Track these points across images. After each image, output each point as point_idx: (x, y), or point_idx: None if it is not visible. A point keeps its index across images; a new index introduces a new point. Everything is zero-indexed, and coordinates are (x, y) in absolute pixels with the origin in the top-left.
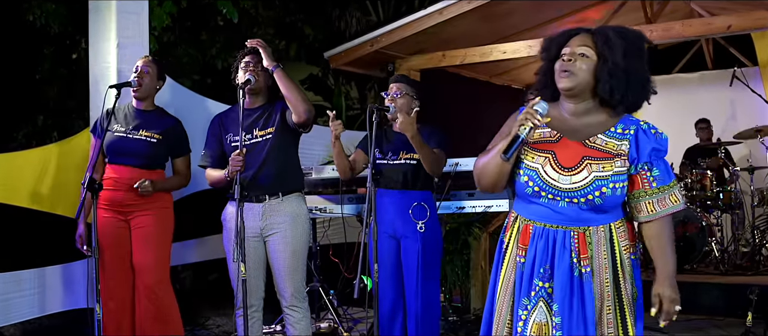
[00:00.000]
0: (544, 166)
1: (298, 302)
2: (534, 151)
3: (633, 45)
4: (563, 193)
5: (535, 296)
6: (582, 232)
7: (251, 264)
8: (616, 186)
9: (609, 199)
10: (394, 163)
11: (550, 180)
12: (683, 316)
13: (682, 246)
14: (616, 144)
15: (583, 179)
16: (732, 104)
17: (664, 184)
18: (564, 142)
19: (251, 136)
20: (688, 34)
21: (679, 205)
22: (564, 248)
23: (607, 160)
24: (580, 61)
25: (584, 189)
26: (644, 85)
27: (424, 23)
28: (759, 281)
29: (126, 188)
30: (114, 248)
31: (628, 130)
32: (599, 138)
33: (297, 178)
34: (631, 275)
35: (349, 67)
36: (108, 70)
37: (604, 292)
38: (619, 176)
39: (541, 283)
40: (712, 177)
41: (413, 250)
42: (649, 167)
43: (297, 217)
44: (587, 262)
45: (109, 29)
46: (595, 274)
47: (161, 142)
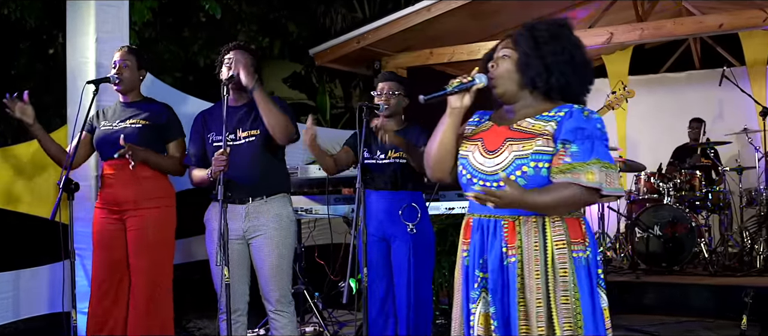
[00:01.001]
0: (473, 153)
1: (284, 307)
2: (467, 142)
3: (546, 32)
4: (489, 176)
5: (477, 287)
6: (512, 221)
7: (235, 267)
8: (539, 165)
9: (532, 179)
10: (382, 162)
11: (477, 164)
12: (674, 317)
13: (671, 247)
14: (542, 125)
15: (504, 159)
16: (720, 104)
17: (579, 162)
18: (493, 129)
19: (235, 136)
20: (680, 32)
21: (593, 183)
22: (495, 237)
23: (528, 140)
24: (501, 63)
25: (505, 169)
26: (575, 69)
27: (412, 20)
28: (749, 282)
29: (121, 183)
30: (107, 250)
31: (560, 113)
32: (527, 120)
33: (282, 179)
34: (573, 274)
35: (335, 65)
36: (86, 66)
37: (533, 283)
38: (541, 155)
39: (480, 273)
40: (701, 177)
41: (403, 252)
42: (566, 144)
43: (282, 219)
44: (513, 252)
45: (87, 23)
46: (523, 265)
47: (148, 128)
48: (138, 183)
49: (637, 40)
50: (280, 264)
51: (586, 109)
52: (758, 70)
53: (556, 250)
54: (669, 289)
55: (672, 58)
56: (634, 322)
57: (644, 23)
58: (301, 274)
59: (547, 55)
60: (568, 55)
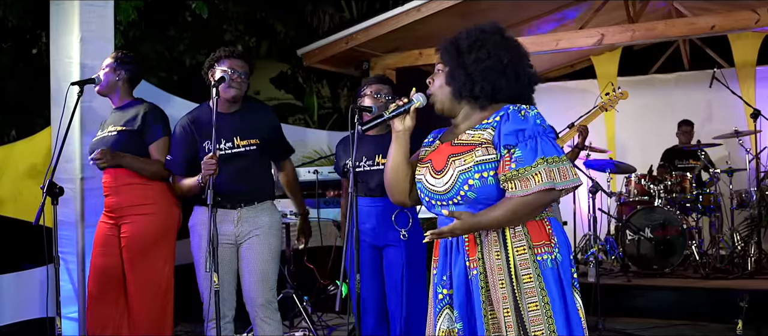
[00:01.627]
0: (425, 175)
1: (270, 313)
2: (421, 165)
3: (466, 40)
4: (442, 196)
5: (438, 303)
6: (472, 235)
7: (224, 272)
8: (485, 175)
9: (481, 190)
10: (370, 169)
11: (429, 186)
12: (666, 321)
13: (662, 249)
14: (480, 134)
15: (450, 178)
16: (708, 105)
17: (526, 165)
18: (438, 148)
19: (232, 144)
20: (671, 33)
21: (544, 184)
22: (458, 252)
23: (468, 153)
24: (436, 78)
25: (453, 187)
26: (504, 72)
27: (402, 20)
28: (741, 285)
29: (116, 191)
30: (104, 255)
31: (496, 117)
32: (466, 133)
33: (270, 186)
34: (539, 278)
35: (323, 65)
36: (70, 66)
37: (497, 293)
38: (484, 165)
39: (444, 290)
40: (692, 179)
41: (397, 259)
42: (510, 148)
43: (271, 225)
44: (475, 264)
45: (71, 23)
46: (487, 277)
47: (124, 134)
48: (130, 189)
49: (629, 41)
50: (267, 270)
51: (522, 108)
52: (747, 72)
53: (517, 257)
54: (660, 292)
55: (661, 59)
56: (626, 326)
57: (635, 24)
58: (290, 278)
59: (469, 64)
60: (494, 60)
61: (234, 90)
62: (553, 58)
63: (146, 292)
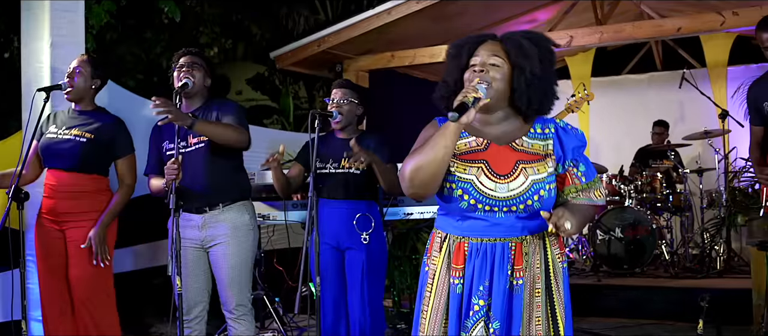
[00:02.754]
0: (478, 176)
1: (243, 314)
2: (464, 162)
3: (546, 52)
4: (501, 202)
5: (473, 316)
6: (519, 243)
7: (192, 274)
8: (551, 187)
9: (546, 201)
10: (336, 172)
11: (486, 190)
12: (634, 320)
13: (633, 249)
14: (541, 144)
15: (521, 185)
16: (681, 106)
17: (591, 180)
18: (493, 148)
19: (186, 143)
20: (639, 35)
21: (601, 200)
22: (503, 261)
23: (539, 162)
24: (492, 70)
25: (523, 195)
26: (554, 91)
27: (373, 23)
28: (708, 284)
29: (60, 196)
30: (48, 259)
31: (547, 129)
32: (525, 140)
33: (240, 186)
34: (564, 283)
35: (296, 68)
36: (41, 71)
37: (533, 302)
38: (552, 177)
39: (481, 302)
40: (662, 179)
41: (358, 261)
42: (575, 164)
43: (239, 228)
44: (521, 274)
45: (42, 28)
46: (526, 285)
47: (93, 142)
48: (79, 196)
49: (597, 43)
50: (237, 273)
51: (568, 125)
52: (719, 72)
53: (557, 264)
54: (629, 291)
55: (634, 59)
56: (594, 325)
57: (604, 26)
58: (261, 280)
59: (546, 78)
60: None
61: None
62: None
63: (91, 296)
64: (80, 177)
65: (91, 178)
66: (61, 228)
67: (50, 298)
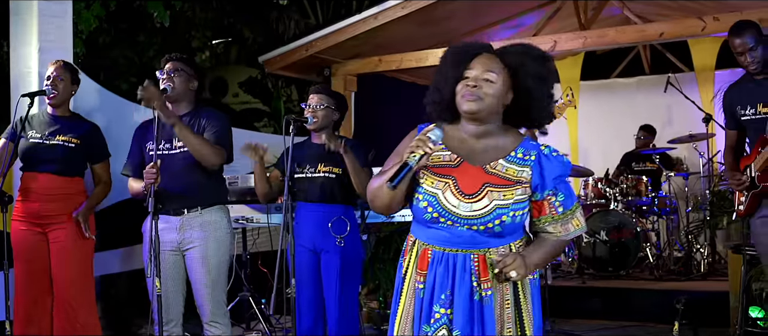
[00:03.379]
0: (444, 191)
1: (218, 318)
2: (434, 176)
3: (548, 68)
4: (462, 219)
5: (435, 324)
6: (482, 255)
7: (169, 278)
8: (516, 214)
9: (508, 226)
10: (312, 176)
11: (449, 206)
12: (616, 322)
13: (617, 252)
14: (516, 170)
15: (484, 207)
16: (668, 109)
17: (569, 209)
18: (464, 166)
19: (170, 146)
20: (622, 40)
21: (581, 229)
22: (464, 272)
23: (508, 188)
24: (486, 86)
25: (484, 217)
26: (551, 107)
27: (360, 28)
28: (690, 287)
29: (43, 198)
30: (30, 262)
31: (528, 155)
32: (500, 163)
33: (218, 190)
34: (532, 296)
35: (285, 72)
36: (29, 76)
37: (504, 314)
38: (519, 204)
39: (442, 309)
40: (647, 182)
41: (333, 264)
42: (554, 193)
43: (216, 230)
44: (488, 285)
45: (30, 33)
46: (495, 296)
47: (79, 148)
48: (61, 198)
49: (581, 47)
50: (213, 276)
51: (554, 150)
52: (706, 76)
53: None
54: (612, 293)
55: (622, 63)
56: (576, 327)
57: (587, 31)
58: (247, 281)
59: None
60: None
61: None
62: None
63: (74, 296)
64: (65, 180)
65: (74, 181)
66: (44, 230)
67: (26, 302)
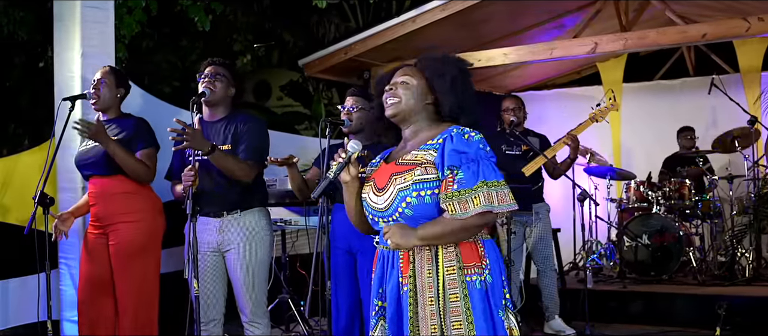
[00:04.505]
0: (368, 193)
1: (258, 318)
2: (366, 183)
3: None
4: (381, 213)
5: (375, 315)
6: (407, 252)
7: (209, 278)
8: (422, 193)
9: (418, 208)
10: None
11: (371, 203)
12: (657, 327)
13: (660, 256)
14: (423, 154)
15: (390, 196)
16: (713, 111)
17: (466, 187)
18: (382, 167)
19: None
20: (664, 42)
21: (479, 208)
22: (393, 267)
23: (408, 172)
24: (402, 87)
25: (392, 205)
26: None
27: (399, 31)
28: (735, 292)
29: (103, 200)
30: (92, 264)
31: (440, 139)
32: (411, 153)
33: (258, 193)
34: (466, 299)
35: (324, 75)
36: (72, 80)
37: (427, 311)
38: (423, 184)
39: (379, 303)
40: (691, 186)
41: (369, 265)
42: (452, 170)
43: (255, 233)
44: (406, 281)
45: (73, 39)
46: (417, 294)
47: (123, 142)
48: (119, 198)
49: (622, 49)
50: (252, 277)
51: (466, 132)
52: (752, 77)
53: (447, 276)
54: (654, 298)
55: (666, 65)
56: (618, 332)
57: (628, 33)
58: (286, 283)
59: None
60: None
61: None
62: (560, 65)
63: (133, 297)
64: (119, 179)
65: (118, 178)
66: (105, 231)
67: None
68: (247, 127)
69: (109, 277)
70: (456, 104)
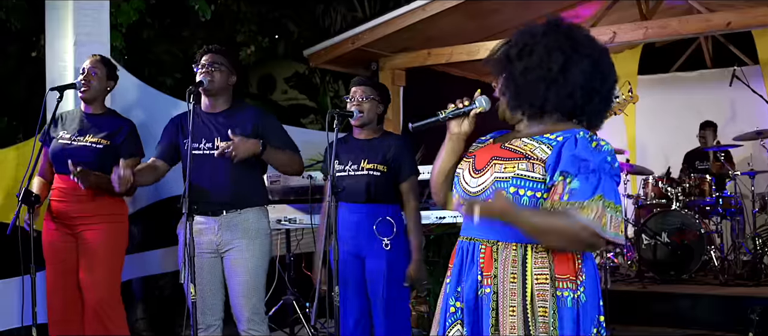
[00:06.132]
0: (464, 171)
1: (256, 325)
2: (465, 159)
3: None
4: (472, 197)
5: (449, 318)
6: (490, 247)
7: (207, 281)
8: (521, 192)
9: None
10: (355, 174)
11: (464, 185)
12: (680, 330)
13: (680, 254)
14: (534, 146)
15: (486, 181)
16: (732, 104)
17: (579, 200)
18: (488, 146)
19: (211, 144)
20: (686, 31)
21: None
22: (472, 263)
23: (511, 161)
24: None
25: (485, 191)
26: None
27: (408, 20)
28: (760, 293)
29: (72, 199)
30: (59, 263)
31: (561, 137)
32: (523, 140)
33: (258, 191)
34: (554, 316)
35: (331, 66)
36: (65, 70)
37: (507, 321)
38: (524, 180)
39: (457, 303)
40: (711, 181)
41: (379, 269)
42: (567, 177)
43: (256, 232)
44: (488, 281)
45: (65, 27)
46: (498, 299)
47: (109, 149)
48: (91, 199)
49: (642, 39)
50: (252, 280)
51: (595, 138)
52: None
53: (536, 285)
54: (676, 299)
55: (683, 56)
56: (637, 334)
57: (648, 22)
58: (290, 284)
59: (518, 75)
60: (544, 70)
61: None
62: None
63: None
64: None
65: None
66: (73, 231)
67: (57, 303)
68: (268, 123)
69: (76, 277)
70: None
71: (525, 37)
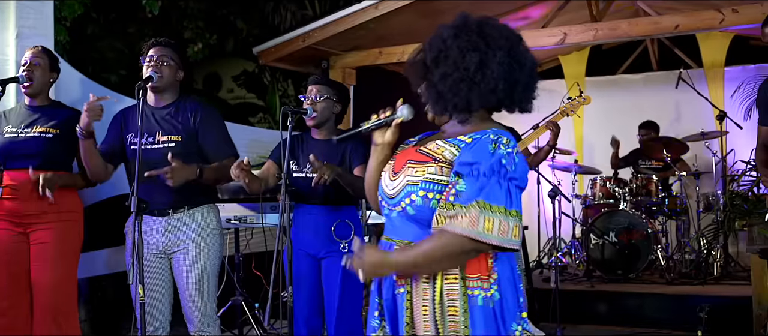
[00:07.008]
0: (386, 173)
1: (208, 326)
2: (389, 163)
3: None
4: (389, 199)
5: (377, 315)
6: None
7: (154, 282)
8: (430, 196)
9: (421, 210)
10: (312, 175)
11: (384, 187)
12: (628, 328)
13: (627, 254)
14: (445, 148)
15: (399, 184)
16: (677, 106)
17: (460, 203)
18: (408, 149)
19: (153, 139)
20: (635, 33)
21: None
22: None
23: (423, 164)
24: None
25: (398, 195)
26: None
27: (359, 18)
28: (706, 292)
29: (24, 196)
30: (8, 265)
31: (470, 138)
32: (437, 143)
33: (206, 188)
34: (465, 315)
35: (281, 64)
36: (6, 64)
37: (421, 320)
38: (433, 185)
39: (379, 299)
40: (657, 182)
41: (335, 272)
42: (457, 177)
43: (205, 232)
44: (402, 281)
45: (7, 19)
46: (412, 298)
47: (59, 137)
48: (38, 196)
49: (592, 40)
50: (202, 281)
51: (500, 139)
52: (716, 73)
53: (445, 285)
54: (624, 298)
55: (629, 59)
56: (586, 333)
57: (599, 24)
58: (239, 285)
59: (437, 81)
60: (461, 72)
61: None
62: None
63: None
64: None
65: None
66: (25, 230)
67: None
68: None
69: (27, 277)
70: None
71: (438, 42)
